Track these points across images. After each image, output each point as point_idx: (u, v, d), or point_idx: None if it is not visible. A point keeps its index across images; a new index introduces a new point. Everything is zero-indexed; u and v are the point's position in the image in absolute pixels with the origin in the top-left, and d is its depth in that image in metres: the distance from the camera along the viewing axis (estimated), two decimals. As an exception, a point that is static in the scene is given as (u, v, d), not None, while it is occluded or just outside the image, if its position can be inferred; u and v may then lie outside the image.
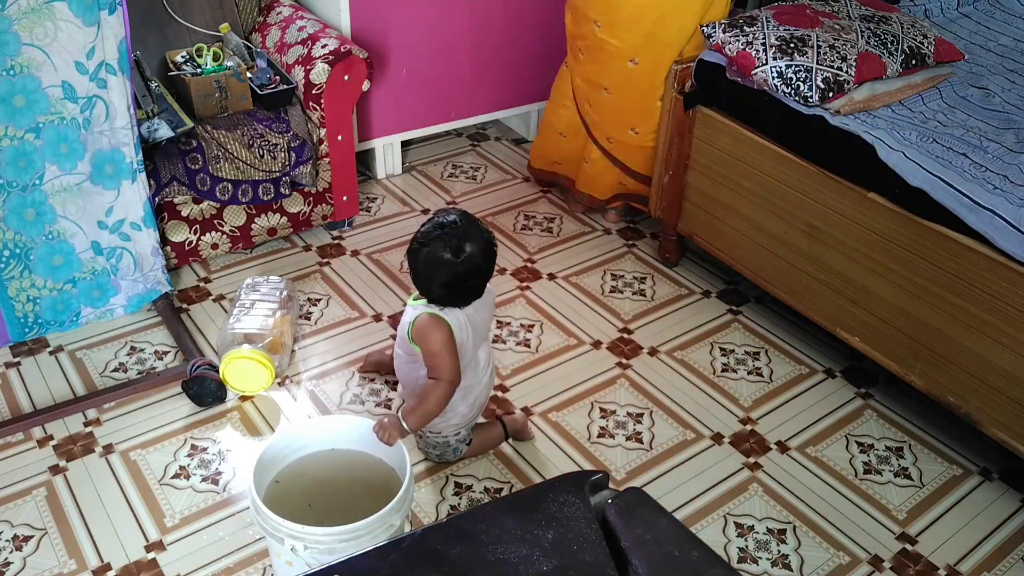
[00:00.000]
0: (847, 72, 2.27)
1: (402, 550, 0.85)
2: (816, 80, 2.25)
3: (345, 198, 2.94)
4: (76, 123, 2.23)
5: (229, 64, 2.71)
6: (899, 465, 2.26)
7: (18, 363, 2.45)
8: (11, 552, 1.95)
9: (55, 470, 2.15)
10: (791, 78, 2.28)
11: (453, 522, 0.89)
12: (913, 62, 2.39)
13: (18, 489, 2.10)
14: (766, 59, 2.33)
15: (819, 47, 2.31)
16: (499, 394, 2.42)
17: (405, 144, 3.48)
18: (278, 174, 2.70)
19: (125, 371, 2.43)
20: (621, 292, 2.83)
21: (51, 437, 2.23)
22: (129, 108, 2.30)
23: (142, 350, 2.50)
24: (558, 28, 3.45)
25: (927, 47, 2.43)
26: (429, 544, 0.85)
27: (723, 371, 2.53)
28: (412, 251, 1.90)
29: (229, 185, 2.62)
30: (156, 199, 2.53)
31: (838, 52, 2.30)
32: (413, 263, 1.91)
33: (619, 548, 0.85)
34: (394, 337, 2.55)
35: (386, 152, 3.32)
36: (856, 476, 2.22)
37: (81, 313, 2.47)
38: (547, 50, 3.46)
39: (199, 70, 2.68)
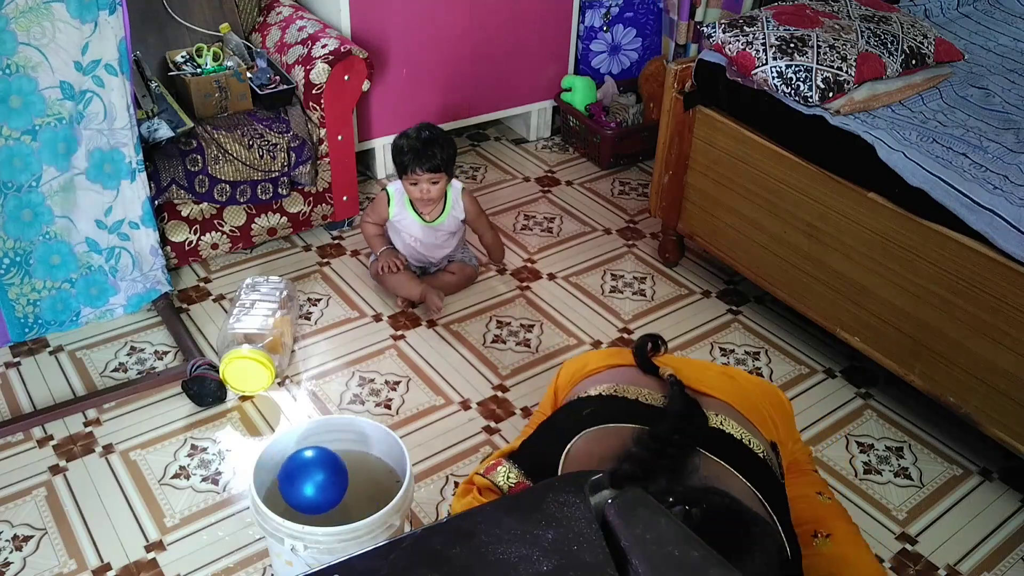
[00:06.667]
0: (847, 72, 2.27)
1: (402, 550, 0.84)
2: (816, 80, 2.25)
3: (345, 198, 2.94)
4: (73, 120, 2.22)
5: (229, 64, 2.71)
6: (899, 465, 2.25)
7: (18, 363, 2.45)
8: (11, 552, 1.95)
9: (55, 470, 2.15)
10: (791, 78, 2.28)
11: (453, 522, 0.89)
12: (913, 62, 2.39)
13: (18, 489, 2.10)
14: (766, 59, 2.33)
15: (819, 47, 2.31)
16: (499, 394, 2.42)
17: (405, 144, 3.48)
18: (277, 174, 2.70)
19: (125, 371, 2.43)
20: (621, 292, 2.83)
21: (51, 437, 2.23)
22: (129, 108, 2.30)
23: (142, 350, 2.50)
24: (558, 28, 3.46)
25: (927, 47, 2.43)
26: (429, 544, 0.85)
27: (723, 371, 2.53)
28: (448, 140, 2.57)
29: (227, 186, 2.62)
30: (156, 201, 2.53)
31: (838, 52, 2.30)
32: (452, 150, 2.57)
33: (619, 548, 0.85)
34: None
35: (386, 152, 3.32)
36: (856, 476, 2.22)
37: (81, 313, 2.47)
38: (547, 50, 3.47)
39: (199, 70, 2.68)
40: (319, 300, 2.73)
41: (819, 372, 2.54)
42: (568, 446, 1.40)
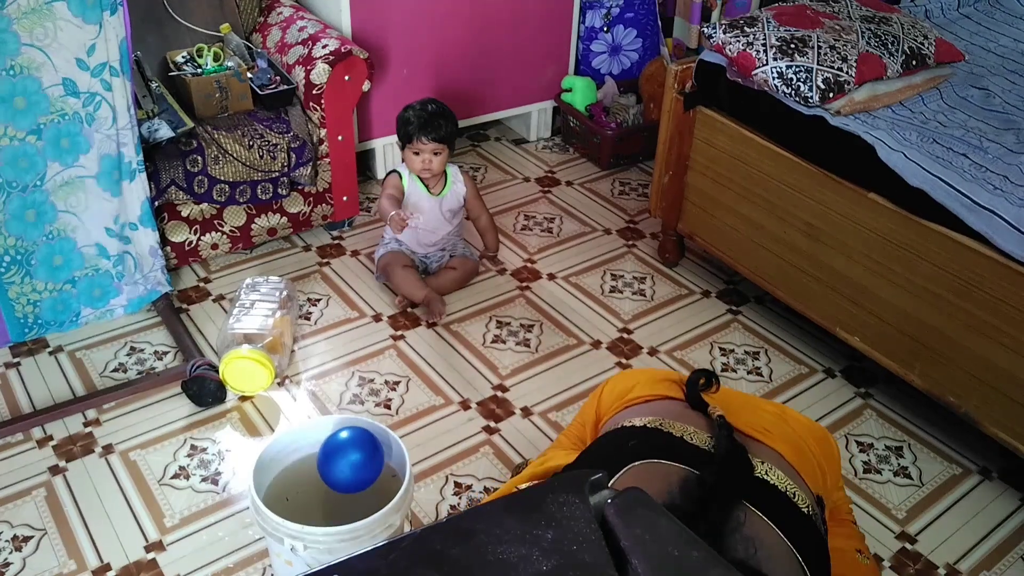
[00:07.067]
0: (847, 73, 2.27)
1: (402, 550, 0.84)
2: (816, 81, 2.25)
3: (345, 198, 2.94)
4: (79, 117, 2.22)
5: (229, 64, 2.71)
6: (899, 464, 2.26)
7: (18, 363, 2.45)
8: (11, 552, 1.95)
9: (55, 470, 2.15)
10: (791, 79, 2.28)
11: (453, 522, 0.89)
12: (913, 63, 2.39)
13: (18, 489, 2.10)
14: (766, 60, 2.33)
15: (819, 48, 2.31)
16: (499, 394, 2.42)
17: (405, 144, 3.48)
18: (277, 174, 2.70)
19: (125, 371, 2.43)
20: (621, 292, 2.83)
21: (51, 437, 2.23)
22: (129, 108, 2.30)
23: (142, 350, 2.50)
24: (558, 29, 3.46)
25: (927, 48, 2.43)
26: (429, 544, 0.85)
27: (723, 371, 2.53)
28: (452, 116, 2.67)
29: (226, 187, 2.62)
30: (156, 202, 2.53)
31: (838, 53, 2.30)
32: (456, 126, 2.67)
33: (619, 548, 0.85)
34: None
35: (386, 152, 3.32)
36: (856, 475, 2.22)
37: (81, 313, 2.47)
38: (547, 50, 3.47)
39: (199, 70, 2.68)
40: (319, 300, 2.73)
41: (819, 372, 2.54)
42: (613, 481, 1.33)
